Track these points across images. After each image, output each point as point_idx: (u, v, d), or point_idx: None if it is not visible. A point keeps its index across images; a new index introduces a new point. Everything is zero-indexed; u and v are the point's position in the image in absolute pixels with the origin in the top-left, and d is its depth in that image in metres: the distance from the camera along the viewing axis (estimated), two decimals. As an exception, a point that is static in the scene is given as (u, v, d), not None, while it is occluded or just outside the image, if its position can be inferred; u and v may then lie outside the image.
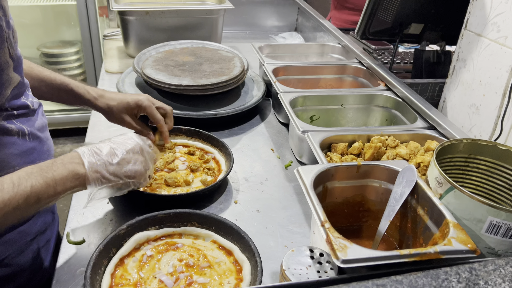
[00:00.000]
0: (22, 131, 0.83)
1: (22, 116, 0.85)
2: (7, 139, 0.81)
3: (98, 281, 0.76)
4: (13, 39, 0.79)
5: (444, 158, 0.87)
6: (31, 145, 0.86)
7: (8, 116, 0.82)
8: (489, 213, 0.71)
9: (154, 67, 1.44)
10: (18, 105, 0.84)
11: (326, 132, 1.12)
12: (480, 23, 1.18)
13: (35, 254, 0.92)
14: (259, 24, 2.42)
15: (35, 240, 0.92)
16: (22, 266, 0.89)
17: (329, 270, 0.71)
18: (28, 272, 0.90)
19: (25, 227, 0.88)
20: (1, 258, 0.84)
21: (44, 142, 0.91)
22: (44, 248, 0.95)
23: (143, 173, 0.87)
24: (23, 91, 0.86)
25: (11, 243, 0.86)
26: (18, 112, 0.84)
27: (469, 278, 0.54)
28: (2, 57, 0.76)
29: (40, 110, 0.93)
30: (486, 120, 1.15)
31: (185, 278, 0.79)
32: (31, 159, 0.85)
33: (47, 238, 0.96)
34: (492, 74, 1.13)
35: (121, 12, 1.77)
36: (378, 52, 1.93)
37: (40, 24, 3.22)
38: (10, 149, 0.81)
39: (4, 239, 0.84)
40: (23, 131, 0.84)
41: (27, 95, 0.88)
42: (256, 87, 1.55)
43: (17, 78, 0.82)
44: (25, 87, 0.87)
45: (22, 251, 0.88)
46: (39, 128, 0.89)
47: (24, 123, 0.85)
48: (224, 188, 1.09)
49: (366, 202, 0.91)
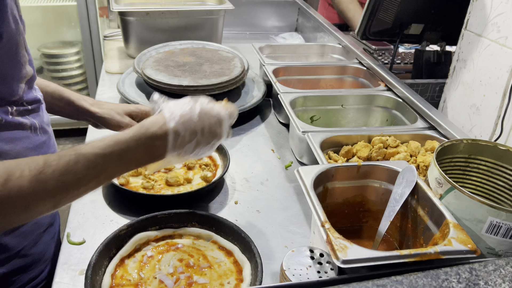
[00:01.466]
0: (34, 126, 0.85)
1: (34, 111, 0.86)
2: (22, 133, 0.82)
3: (99, 281, 0.77)
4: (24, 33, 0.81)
5: (444, 159, 0.87)
6: (42, 139, 0.87)
7: (22, 112, 0.83)
8: (489, 213, 0.71)
9: (155, 67, 1.45)
10: (31, 99, 0.85)
11: (327, 133, 1.12)
12: (480, 24, 1.18)
13: (46, 246, 0.94)
14: (260, 25, 2.43)
15: (46, 231, 0.94)
16: (36, 257, 0.91)
17: (329, 270, 0.71)
18: (41, 262, 0.93)
19: (38, 219, 0.89)
20: (18, 249, 0.86)
21: (51, 136, 0.93)
22: (52, 241, 0.98)
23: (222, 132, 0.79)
24: (33, 82, 0.87)
25: (26, 234, 0.87)
26: (32, 106, 0.85)
27: (469, 278, 0.54)
28: (21, 51, 0.77)
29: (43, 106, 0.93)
30: (487, 120, 1.15)
31: (185, 278, 0.79)
32: (41, 152, 0.86)
33: (54, 231, 0.99)
34: (493, 75, 1.13)
35: (122, 13, 1.77)
36: (379, 52, 1.93)
37: (40, 25, 3.22)
38: (25, 143, 0.82)
39: (21, 231, 0.86)
40: (35, 125, 0.85)
41: (35, 89, 0.89)
42: (256, 87, 1.55)
43: (31, 72, 0.83)
44: (34, 79, 0.88)
45: (36, 242, 0.90)
46: (47, 123, 0.91)
47: (35, 117, 0.86)
48: (225, 188, 1.09)
49: (366, 202, 0.91)
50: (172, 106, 0.74)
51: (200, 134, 0.74)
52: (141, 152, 0.70)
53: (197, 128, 0.73)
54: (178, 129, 0.71)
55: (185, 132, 0.72)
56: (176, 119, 0.72)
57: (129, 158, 0.69)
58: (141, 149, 0.69)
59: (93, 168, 0.65)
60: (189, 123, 0.73)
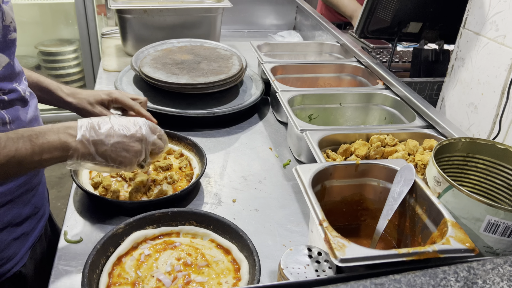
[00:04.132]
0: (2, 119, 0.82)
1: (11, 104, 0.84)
2: None
3: (96, 280, 0.76)
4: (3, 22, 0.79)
5: (442, 157, 0.87)
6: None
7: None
8: (488, 212, 0.71)
9: (152, 65, 1.44)
10: (8, 89, 0.83)
11: (325, 131, 1.11)
12: (479, 22, 1.18)
13: (3, 245, 0.89)
14: (258, 23, 2.42)
15: (5, 230, 0.88)
16: None
17: (327, 269, 0.71)
18: None
19: None
20: None
21: None
22: (19, 241, 0.92)
23: (132, 163, 0.86)
24: (15, 76, 0.85)
25: None
26: (8, 97, 0.83)
27: (467, 277, 0.54)
28: None
29: (34, 103, 0.92)
30: (485, 119, 1.15)
31: (183, 277, 0.79)
32: None
33: (23, 231, 0.93)
34: (491, 73, 1.13)
35: (119, 10, 1.76)
36: (377, 50, 1.92)
37: (38, 22, 3.21)
38: None
39: None
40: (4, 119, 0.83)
41: (21, 83, 0.87)
42: (254, 85, 1.55)
43: (5, 59, 0.81)
44: (17, 73, 0.86)
45: None
46: (28, 122, 0.88)
47: (10, 112, 0.84)
48: (223, 186, 1.09)
49: (364, 201, 0.90)
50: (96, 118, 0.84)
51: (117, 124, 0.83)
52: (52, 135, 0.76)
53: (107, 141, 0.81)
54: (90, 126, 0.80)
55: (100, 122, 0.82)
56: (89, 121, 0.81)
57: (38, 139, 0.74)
58: (54, 130, 0.76)
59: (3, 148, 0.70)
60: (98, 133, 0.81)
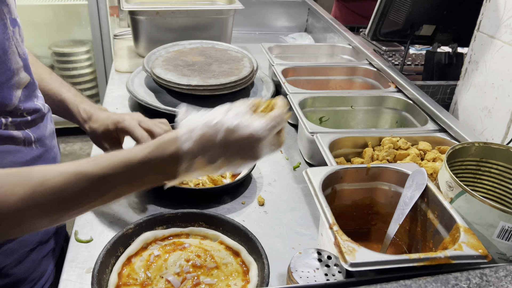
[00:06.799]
0: (28, 139, 0.81)
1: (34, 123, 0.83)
2: (12, 147, 0.78)
3: (106, 280, 0.77)
4: (19, 38, 0.78)
5: (455, 162, 0.86)
6: (36, 153, 0.83)
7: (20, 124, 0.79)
8: (501, 218, 0.70)
9: (164, 66, 1.45)
10: (32, 109, 0.82)
11: (336, 134, 1.11)
12: (493, 25, 1.16)
13: (35, 264, 0.89)
14: (269, 25, 2.42)
15: (36, 250, 0.88)
16: (21, 276, 0.86)
17: (337, 273, 0.70)
18: (27, 282, 0.88)
19: (26, 237, 0.85)
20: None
21: (51, 150, 0.89)
22: (46, 258, 0.93)
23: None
24: (34, 90, 0.84)
25: (9, 253, 0.82)
26: (31, 117, 0.81)
27: (480, 284, 0.53)
28: (11, 57, 0.75)
29: (49, 116, 0.91)
30: (498, 123, 1.13)
31: (192, 278, 0.79)
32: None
33: (50, 248, 0.94)
34: (505, 77, 1.12)
35: (132, 12, 1.77)
36: (389, 53, 1.91)
37: (51, 23, 3.25)
38: (14, 157, 0.78)
39: (3, 249, 0.80)
40: (29, 139, 0.81)
41: (38, 97, 0.86)
42: (265, 87, 1.55)
43: (27, 78, 0.80)
44: (35, 87, 0.85)
45: (21, 261, 0.85)
46: (48, 135, 0.88)
47: (34, 131, 0.83)
48: (232, 189, 1.09)
49: (375, 205, 0.90)
50: (193, 122, 0.65)
51: (223, 158, 0.65)
52: (152, 176, 0.65)
53: (219, 151, 0.64)
54: (193, 150, 0.63)
55: (204, 154, 0.64)
56: (193, 139, 0.63)
57: (138, 181, 0.64)
58: (152, 174, 0.64)
59: (95, 190, 0.61)
60: (210, 145, 0.64)
